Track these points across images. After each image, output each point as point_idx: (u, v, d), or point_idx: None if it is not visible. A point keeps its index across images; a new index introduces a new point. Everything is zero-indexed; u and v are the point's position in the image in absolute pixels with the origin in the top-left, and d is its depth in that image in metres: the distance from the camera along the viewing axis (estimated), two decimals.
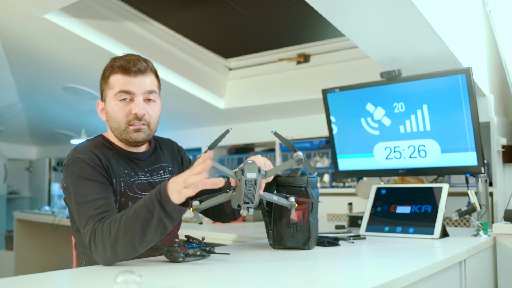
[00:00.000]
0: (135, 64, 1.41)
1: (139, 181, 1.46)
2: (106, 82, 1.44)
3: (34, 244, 4.79)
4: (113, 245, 1.20)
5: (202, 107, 3.50)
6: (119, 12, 2.84)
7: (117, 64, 1.41)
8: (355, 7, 1.81)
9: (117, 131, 1.44)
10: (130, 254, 1.23)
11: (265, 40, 3.22)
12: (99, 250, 1.22)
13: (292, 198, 1.42)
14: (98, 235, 1.22)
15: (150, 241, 1.22)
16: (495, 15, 2.36)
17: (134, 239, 1.19)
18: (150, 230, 1.19)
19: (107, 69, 1.44)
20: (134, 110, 1.41)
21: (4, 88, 3.96)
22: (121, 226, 1.20)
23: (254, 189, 1.28)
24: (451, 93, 1.97)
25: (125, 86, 1.40)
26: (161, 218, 1.19)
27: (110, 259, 1.22)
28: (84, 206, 1.28)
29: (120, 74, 1.41)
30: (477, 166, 1.96)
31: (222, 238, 2.25)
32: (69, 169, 1.36)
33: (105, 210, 1.28)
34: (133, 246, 1.20)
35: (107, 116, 1.45)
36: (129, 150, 1.49)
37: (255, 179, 1.26)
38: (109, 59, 1.46)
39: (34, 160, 6.23)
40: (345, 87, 2.29)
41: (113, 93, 1.41)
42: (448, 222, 2.36)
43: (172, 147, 1.65)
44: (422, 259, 1.41)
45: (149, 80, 1.44)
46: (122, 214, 1.22)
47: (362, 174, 2.47)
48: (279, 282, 1.08)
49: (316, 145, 3.19)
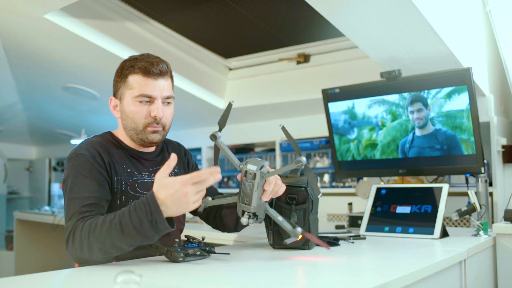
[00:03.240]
0: (157, 66, 1.41)
1: (142, 181, 1.46)
2: (124, 81, 1.43)
3: (34, 244, 4.79)
4: (89, 247, 1.21)
5: (202, 107, 3.50)
6: (119, 12, 2.84)
7: (139, 65, 1.40)
8: (355, 7, 1.81)
9: (133, 130, 1.44)
10: (104, 258, 1.25)
11: (265, 40, 3.22)
12: (75, 246, 1.23)
13: (299, 229, 1.30)
14: (78, 232, 1.23)
15: (125, 251, 1.23)
16: (495, 15, 2.36)
17: (111, 247, 1.20)
18: (129, 245, 1.21)
19: (126, 67, 1.43)
20: (153, 113, 1.41)
21: (4, 88, 3.96)
22: (102, 232, 1.20)
23: (252, 185, 1.27)
24: (451, 93, 1.97)
25: (146, 90, 1.40)
26: (146, 238, 1.19)
27: (83, 258, 1.24)
28: (73, 202, 1.30)
29: (141, 75, 1.40)
30: (477, 166, 1.96)
31: (222, 238, 2.25)
32: (70, 163, 1.37)
33: (91, 209, 1.29)
34: (108, 253, 1.22)
35: (123, 115, 1.45)
36: (137, 149, 1.50)
37: (254, 172, 1.26)
38: (128, 57, 1.46)
39: (34, 160, 6.23)
40: (345, 87, 2.29)
41: (132, 93, 1.41)
42: (448, 222, 2.36)
43: (179, 150, 1.66)
44: (422, 259, 1.41)
45: (168, 83, 1.46)
46: (104, 220, 1.21)
47: (363, 174, 2.47)
48: (279, 282, 1.08)
49: (316, 145, 3.19)
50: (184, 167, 1.64)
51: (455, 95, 1.96)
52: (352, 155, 2.31)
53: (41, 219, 4.31)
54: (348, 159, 2.33)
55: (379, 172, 2.28)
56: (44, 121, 4.97)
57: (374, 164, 2.25)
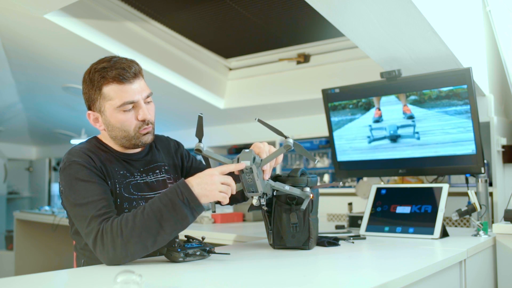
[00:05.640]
0: (129, 70, 1.36)
1: (135, 182, 1.45)
2: (99, 93, 1.37)
3: (34, 244, 4.79)
4: (125, 244, 1.20)
5: (202, 107, 3.50)
6: (119, 12, 2.84)
7: (111, 75, 1.34)
8: (355, 7, 1.81)
9: (125, 138, 1.42)
10: (141, 254, 1.24)
11: (265, 40, 3.22)
12: (107, 248, 1.21)
13: (307, 189, 1.42)
14: (107, 233, 1.21)
15: (163, 241, 1.24)
16: (495, 15, 2.36)
17: (148, 239, 1.21)
18: (167, 232, 1.22)
19: (96, 80, 1.36)
20: (141, 116, 1.39)
21: (4, 88, 3.96)
22: (135, 226, 1.20)
23: (253, 177, 1.30)
24: (451, 93, 1.97)
25: (127, 97, 1.36)
26: (183, 220, 1.23)
27: (119, 258, 1.22)
28: (85, 207, 1.28)
29: (116, 84, 1.35)
30: (477, 166, 1.96)
31: (222, 238, 2.25)
32: (66, 172, 1.35)
33: (108, 210, 1.28)
34: (145, 247, 1.22)
35: (110, 127, 1.41)
36: (124, 151, 1.48)
37: (249, 166, 1.28)
38: (89, 66, 1.40)
39: (34, 160, 6.23)
40: (345, 87, 2.29)
41: (114, 104, 1.37)
42: (448, 222, 2.36)
43: (168, 145, 1.64)
44: (422, 259, 1.41)
45: (143, 82, 1.42)
46: (135, 214, 1.23)
47: (363, 174, 2.47)
48: (279, 282, 1.08)
49: (316, 145, 3.19)
50: (176, 162, 1.62)
51: (455, 95, 1.96)
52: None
53: (41, 219, 4.31)
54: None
55: (379, 172, 2.28)
56: (44, 121, 4.97)
57: (374, 164, 2.25)
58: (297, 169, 1.52)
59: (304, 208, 1.42)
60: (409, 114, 2.10)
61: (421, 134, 2.09)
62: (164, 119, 3.97)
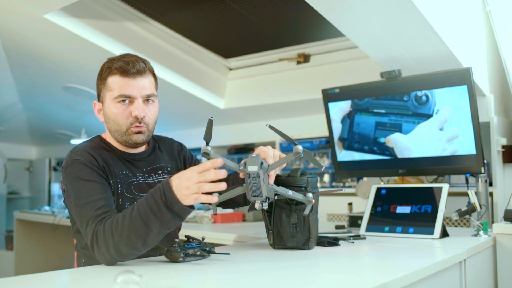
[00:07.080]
0: (134, 65, 1.39)
1: (137, 182, 1.45)
2: (104, 84, 1.42)
3: (34, 244, 4.78)
4: (117, 246, 1.20)
5: (202, 107, 3.50)
6: (119, 12, 2.84)
7: (116, 66, 1.39)
8: (355, 7, 1.81)
9: (117, 132, 1.43)
10: (135, 254, 1.23)
11: (265, 40, 3.22)
12: (102, 250, 1.21)
13: (310, 194, 1.41)
14: (100, 236, 1.22)
15: (153, 242, 1.22)
16: (495, 15, 2.36)
17: (137, 240, 1.20)
18: (153, 232, 1.19)
19: (104, 70, 1.42)
20: (134, 112, 1.40)
21: (4, 88, 3.96)
22: (124, 228, 1.19)
23: (259, 182, 1.29)
24: (451, 92, 1.97)
25: (125, 90, 1.39)
26: (167, 220, 1.19)
27: (114, 259, 1.23)
28: (85, 207, 1.28)
29: (118, 76, 1.39)
30: (477, 166, 1.96)
31: (222, 238, 2.25)
32: (68, 171, 1.35)
33: (106, 210, 1.28)
34: (136, 248, 1.21)
35: (106, 118, 1.44)
36: (127, 151, 1.48)
37: (257, 172, 1.27)
38: (106, 59, 1.45)
39: (34, 160, 6.23)
40: (345, 87, 2.29)
41: (112, 95, 1.40)
42: (448, 222, 2.36)
43: (171, 147, 1.64)
44: (422, 259, 1.41)
45: (148, 81, 1.43)
46: (124, 215, 1.22)
47: (363, 174, 2.47)
48: (279, 282, 1.08)
49: (316, 145, 3.19)
50: (179, 164, 1.62)
51: (455, 94, 1.96)
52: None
53: (41, 219, 4.30)
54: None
55: (379, 172, 2.28)
56: (44, 121, 4.97)
57: (374, 164, 2.25)
58: (297, 169, 1.51)
59: (307, 213, 1.41)
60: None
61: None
62: (164, 119, 3.97)
